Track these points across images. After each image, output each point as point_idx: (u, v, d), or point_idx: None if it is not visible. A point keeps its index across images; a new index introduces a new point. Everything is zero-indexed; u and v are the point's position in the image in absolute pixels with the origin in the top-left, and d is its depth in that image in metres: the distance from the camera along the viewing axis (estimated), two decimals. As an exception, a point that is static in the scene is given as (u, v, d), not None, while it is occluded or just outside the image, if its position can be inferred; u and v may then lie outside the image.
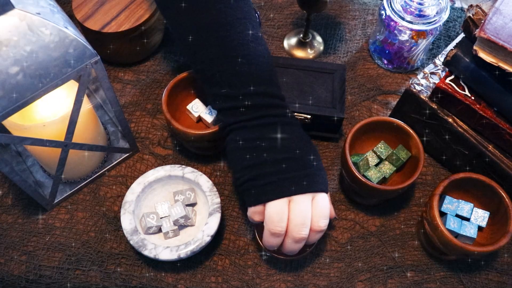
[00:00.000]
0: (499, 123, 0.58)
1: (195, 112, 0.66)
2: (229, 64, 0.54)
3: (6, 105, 0.46)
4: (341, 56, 0.79)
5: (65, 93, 0.57)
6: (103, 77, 0.54)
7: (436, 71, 0.66)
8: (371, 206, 0.67)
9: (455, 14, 0.83)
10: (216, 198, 0.61)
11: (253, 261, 0.63)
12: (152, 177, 0.63)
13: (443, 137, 0.65)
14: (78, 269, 0.62)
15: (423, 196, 0.68)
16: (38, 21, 0.44)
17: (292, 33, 0.81)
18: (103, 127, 0.70)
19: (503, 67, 0.54)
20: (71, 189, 0.66)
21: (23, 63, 0.45)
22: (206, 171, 0.69)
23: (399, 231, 0.65)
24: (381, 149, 0.64)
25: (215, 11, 0.53)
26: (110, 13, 0.70)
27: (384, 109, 0.74)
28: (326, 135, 0.70)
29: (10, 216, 0.65)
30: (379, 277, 0.62)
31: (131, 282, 0.61)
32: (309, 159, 0.53)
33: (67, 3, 0.81)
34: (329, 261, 0.63)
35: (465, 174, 0.60)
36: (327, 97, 0.66)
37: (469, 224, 0.59)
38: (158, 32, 0.75)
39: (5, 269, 0.61)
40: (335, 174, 0.69)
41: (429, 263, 0.63)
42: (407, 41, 0.71)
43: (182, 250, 0.57)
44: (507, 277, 0.62)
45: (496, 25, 0.54)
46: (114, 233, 0.64)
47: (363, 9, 0.84)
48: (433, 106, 0.64)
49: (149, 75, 0.76)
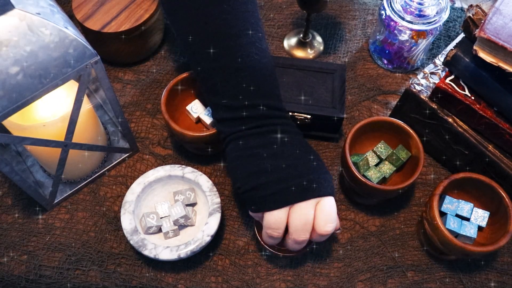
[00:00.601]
0: (499, 123, 0.58)
1: (195, 113, 0.66)
2: (232, 76, 0.53)
3: (6, 105, 0.46)
4: (341, 56, 0.79)
5: (65, 93, 0.57)
6: (103, 77, 0.54)
7: (436, 71, 0.66)
8: (371, 206, 0.67)
9: (455, 14, 0.83)
10: (216, 198, 0.61)
11: (253, 261, 0.63)
12: (152, 177, 0.63)
13: (443, 137, 0.65)
14: (78, 269, 0.62)
15: (423, 196, 0.68)
16: (38, 21, 0.44)
17: (292, 33, 0.81)
18: (103, 127, 0.70)
19: (503, 67, 0.54)
20: (71, 189, 0.66)
21: (23, 63, 0.45)
22: (206, 171, 0.69)
23: (399, 231, 0.65)
24: (381, 149, 0.64)
25: (221, 21, 0.53)
26: (110, 13, 0.70)
27: (384, 109, 0.74)
28: (326, 135, 0.70)
29: (10, 216, 0.65)
30: (379, 277, 0.62)
31: (131, 282, 0.61)
32: (310, 165, 0.53)
33: (67, 3, 0.81)
34: (329, 261, 0.63)
35: (465, 174, 0.60)
36: (327, 97, 0.66)
37: (469, 224, 0.59)
38: (158, 32, 0.75)
39: (5, 269, 0.61)
40: (335, 174, 0.69)
41: (429, 263, 0.63)
42: (407, 41, 0.71)
43: (182, 250, 0.57)
44: (507, 277, 0.62)
45: (496, 25, 0.54)
46: (114, 233, 0.64)
47: (363, 9, 0.84)
48: (433, 106, 0.64)
49: (149, 75, 0.76)
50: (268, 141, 0.53)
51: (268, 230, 0.53)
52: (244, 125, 0.53)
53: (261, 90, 0.54)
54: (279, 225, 0.52)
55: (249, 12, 0.54)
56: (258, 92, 0.53)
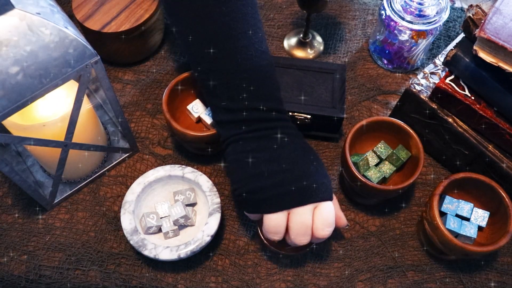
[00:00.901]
0: (499, 123, 0.58)
1: (195, 113, 0.66)
2: (231, 78, 0.53)
3: (6, 105, 0.46)
4: (341, 56, 0.79)
5: (65, 93, 0.57)
6: (103, 77, 0.54)
7: (436, 71, 0.66)
8: (371, 206, 0.67)
9: (455, 14, 0.83)
10: (216, 198, 0.61)
11: (253, 261, 0.63)
12: (152, 177, 0.63)
13: (443, 137, 0.65)
14: (78, 269, 0.62)
15: (423, 196, 0.68)
16: (38, 21, 0.44)
17: (292, 33, 0.81)
18: (103, 127, 0.70)
19: (503, 67, 0.54)
20: (71, 189, 0.66)
21: (23, 63, 0.45)
22: (206, 171, 0.69)
23: (399, 231, 0.65)
24: (381, 149, 0.64)
25: (221, 24, 0.52)
26: (110, 13, 0.70)
27: (384, 109, 0.74)
28: (326, 135, 0.70)
29: (10, 216, 0.65)
30: (379, 277, 0.62)
31: (131, 282, 0.61)
32: (309, 169, 0.52)
33: (67, 3, 0.81)
34: (329, 261, 0.63)
35: (465, 174, 0.60)
36: (327, 97, 0.66)
37: (469, 224, 0.59)
38: (158, 32, 0.75)
39: (5, 269, 0.61)
40: (335, 174, 0.69)
41: (429, 263, 0.63)
42: (407, 41, 0.71)
43: (182, 250, 0.57)
44: (507, 277, 0.62)
45: (496, 25, 0.54)
46: (114, 233, 0.64)
47: (363, 9, 0.84)
48: (433, 106, 0.64)
49: (149, 75, 0.76)
50: (266, 144, 0.53)
51: (268, 234, 0.53)
52: (243, 127, 0.53)
53: (260, 92, 0.53)
54: (278, 229, 0.52)
55: (249, 13, 0.54)
56: (257, 94, 0.53)
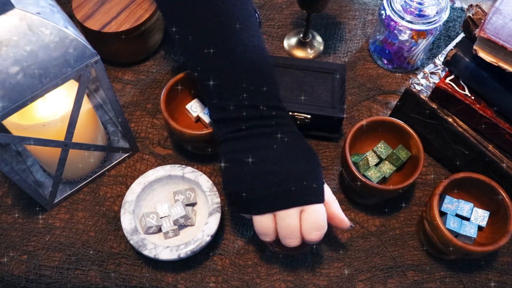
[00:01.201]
0: (499, 123, 0.58)
1: (194, 112, 0.66)
2: (224, 76, 0.53)
3: (6, 105, 0.46)
4: (341, 56, 0.79)
5: (65, 93, 0.57)
6: (103, 77, 0.54)
7: (436, 71, 0.66)
8: (371, 206, 0.67)
9: (455, 14, 0.83)
10: (216, 198, 0.61)
11: (253, 261, 0.63)
12: (152, 177, 0.63)
13: (443, 137, 0.65)
14: (78, 269, 0.62)
15: (423, 196, 0.68)
16: (38, 21, 0.44)
17: (292, 33, 0.81)
18: (103, 127, 0.70)
19: (503, 67, 0.54)
20: (71, 189, 0.66)
21: (23, 63, 0.45)
22: (206, 171, 0.69)
23: (399, 231, 0.65)
24: (381, 149, 0.64)
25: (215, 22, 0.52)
26: (110, 13, 0.70)
27: (384, 109, 0.74)
28: (326, 135, 0.70)
29: (10, 216, 0.65)
30: (379, 277, 0.62)
31: (131, 282, 0.61)
32: (298, 171, 0.51)
33: (67, 3, 0.81)
34: (329, 261, 0.63)
35: (465, 174, 0.60)
36: (327, 97, 0.66)
37: (469, 224, 0.59)
38: (158, 32, 0.75)
39: (5, 269, 0.61)
40: (335, 174, 0.69)
41: (429, 263, 0.63)
42: (407, 41, 0.71)
43: (182, 250, 0.57)
44: (507, 277, 0.62)
45: (496, 25, 0.54)
46: (114, 233, 0.64)
47: (363, 9, 0.84)
48: (433, 106, 0.64)
49: (149, 75, 0.76)
50: (257, 144, 0.52)
51: (259, 235, 0.54)
52: (237, 126, 0.53)
53: (256, 90, 0.53)
54: (267, 230, 0.52)
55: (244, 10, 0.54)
56: (251, 92, 0.53)
